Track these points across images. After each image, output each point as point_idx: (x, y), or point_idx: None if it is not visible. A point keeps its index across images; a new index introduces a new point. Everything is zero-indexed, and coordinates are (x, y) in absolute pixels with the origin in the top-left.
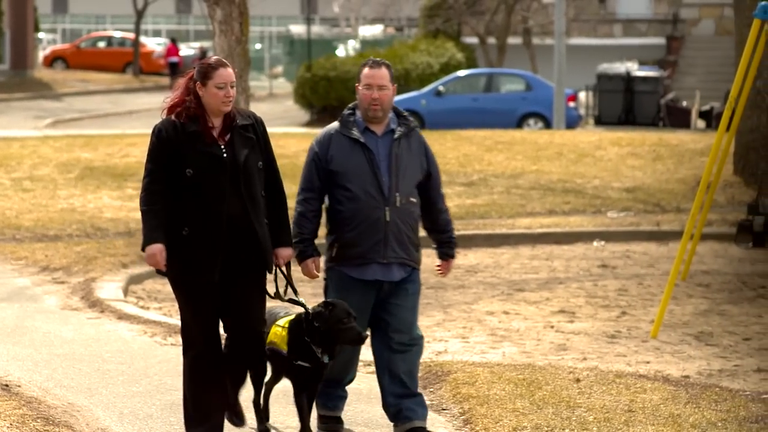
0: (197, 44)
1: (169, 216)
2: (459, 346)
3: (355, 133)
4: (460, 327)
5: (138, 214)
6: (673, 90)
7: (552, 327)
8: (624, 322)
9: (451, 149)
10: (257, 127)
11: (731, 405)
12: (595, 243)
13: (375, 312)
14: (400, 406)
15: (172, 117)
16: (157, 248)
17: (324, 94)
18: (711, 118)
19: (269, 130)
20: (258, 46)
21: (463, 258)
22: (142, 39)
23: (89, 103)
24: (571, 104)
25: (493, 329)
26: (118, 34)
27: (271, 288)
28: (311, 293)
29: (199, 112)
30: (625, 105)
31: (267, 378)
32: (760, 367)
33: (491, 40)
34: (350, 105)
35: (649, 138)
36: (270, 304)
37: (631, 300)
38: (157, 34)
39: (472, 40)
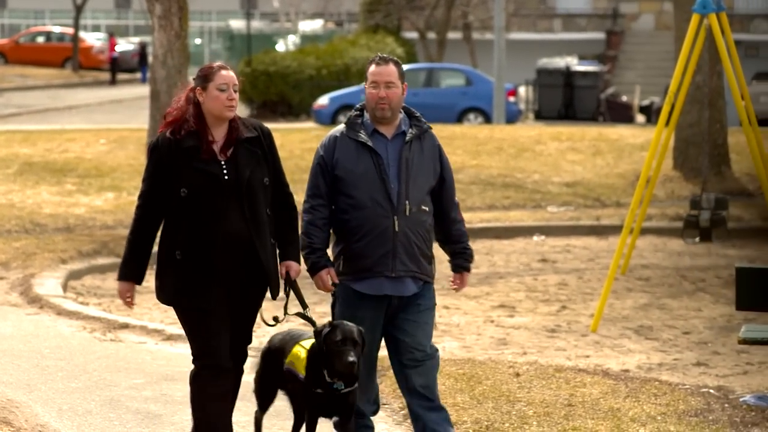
0: (137, 39)
1: (164, 236)
2: None
3: (363, 135)
4: None
5: (78, 210)
6: (613, 85)
7: (492, 321)
8: (564, 316)
9: None
10: (263, 139)
11: (671, 399)
12: (535, 237)
13: (386, 329)
14: (424, 421)
15: (167, 132)
16: (124, 287)
17: (264, 89)
18: (651, 113)
19: None
20: (198, 41)
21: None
22: (82, 34)
23: (28, 99)
24: (511, 99)
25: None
26: (57, 29)
27: (268, 314)
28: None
29: (199, 125)
30: (565, 100)
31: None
32: (699, 361)
33: (431, 35)
34: (358, 105)
35: (588, 133)
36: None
37: (571, 294)
38: (96, 29)
39: (412, 35)
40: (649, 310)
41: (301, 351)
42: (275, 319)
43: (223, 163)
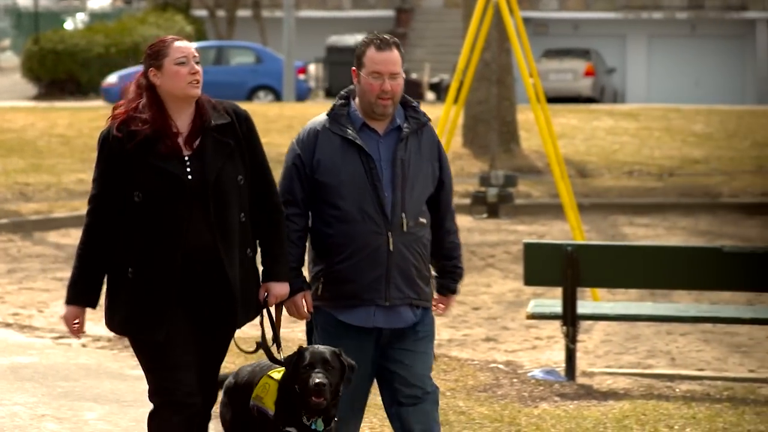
0: None
1: (115, 250)
2: None
3: (350, 131)
4: None
5: None
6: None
7: None
8: None
9: None
10: (238, 126)
11: (459, 374)
12: None
13: (378, 360)
14: None
15: (117, 124)
16: (70, 313)
17: (52, 67)
18: (440, 90)
19: None
20: None
21: None
22: None
23: None
24: (301, 77)
25: None
26: None
27: (244, 342)
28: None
29: (157, 115)
30: None
31: None
32: (488, 336)
33: (221, 13)
34: (343, 92)
35: None
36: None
37: None
38: None
39: (202, 12)
40: None
41: (269, 383)
42: (258, 345)
43: (186, 158)
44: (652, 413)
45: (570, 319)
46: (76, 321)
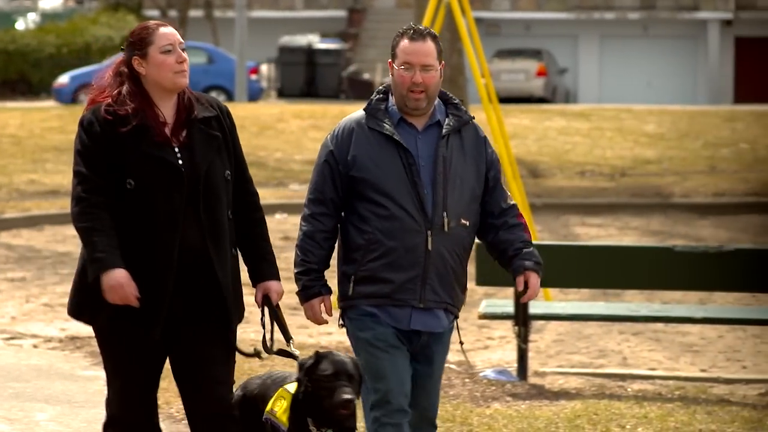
0: None
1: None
2: None
3: (387, 126)
4: None
5: None
6: (355, 62)
7: None
8: None
9: None
10: (223, 119)
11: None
12: (277, 215)
13: None
14: None
15: (102, 108)
16: (122, 276)
17: (3, 67)
18: None
19: None
20: None
21: None
22: None
23: None
24: (253, 77)
25: None
26: None
27: (245, 345)
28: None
29: (143, 104)
30: (307, 77)
31: None
32: None
33: (173, 13)
34: (381, 87)
35: (330, 110)
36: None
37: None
38: None
39: (154, 12)
40: None
41: (283, 396)
42: (257, 351)
43: (176, 150)
44: (604, 413)
45: (522, 319)
46: (130, 282)
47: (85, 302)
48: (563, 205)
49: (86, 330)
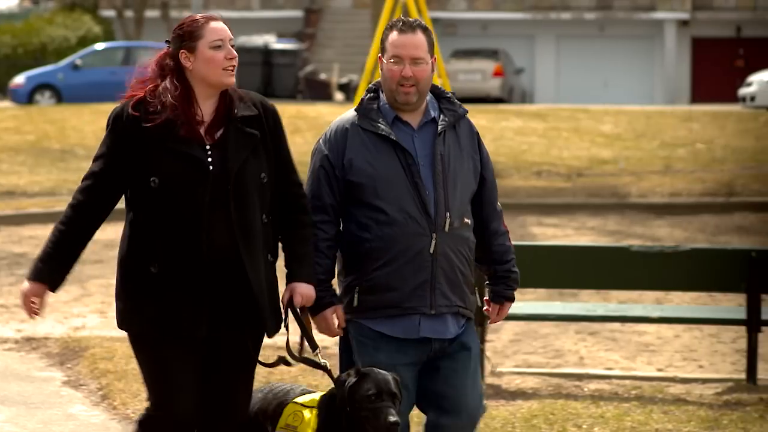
0: None
1: (131, 243)
2: (97, 321)
3: (383, 126)
4: (99, 302)
5: None
6: (312, 63)
7: None
8: None
9: (88, 123)
10: (266, 120)
11: None
12: None
13: (422, 383)
14: None
15: (131, 103)
16: (31, 290)
17: None
18: (349, 91)
19: None
20: None
21: (101, 233)
22: None
23: None
24: None
25: None
26: None
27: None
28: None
29: (183, 102)
30: (264, 78)
31: None
32: None
33: (129, 13)
34: (372, 84)
35: (287, 110)
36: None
37: None
38: None
39: (110, 13)
40: None
41: (302, 412)
42: (281, 359)
43: (208, 148)
44: (561, 412)
45: (478, 319)
46: (37, 300)
47: (128, 311)
48: (520, 205)
49: (42, 331)
